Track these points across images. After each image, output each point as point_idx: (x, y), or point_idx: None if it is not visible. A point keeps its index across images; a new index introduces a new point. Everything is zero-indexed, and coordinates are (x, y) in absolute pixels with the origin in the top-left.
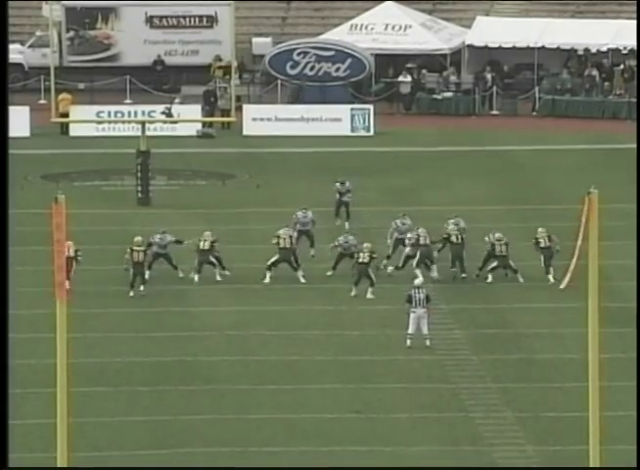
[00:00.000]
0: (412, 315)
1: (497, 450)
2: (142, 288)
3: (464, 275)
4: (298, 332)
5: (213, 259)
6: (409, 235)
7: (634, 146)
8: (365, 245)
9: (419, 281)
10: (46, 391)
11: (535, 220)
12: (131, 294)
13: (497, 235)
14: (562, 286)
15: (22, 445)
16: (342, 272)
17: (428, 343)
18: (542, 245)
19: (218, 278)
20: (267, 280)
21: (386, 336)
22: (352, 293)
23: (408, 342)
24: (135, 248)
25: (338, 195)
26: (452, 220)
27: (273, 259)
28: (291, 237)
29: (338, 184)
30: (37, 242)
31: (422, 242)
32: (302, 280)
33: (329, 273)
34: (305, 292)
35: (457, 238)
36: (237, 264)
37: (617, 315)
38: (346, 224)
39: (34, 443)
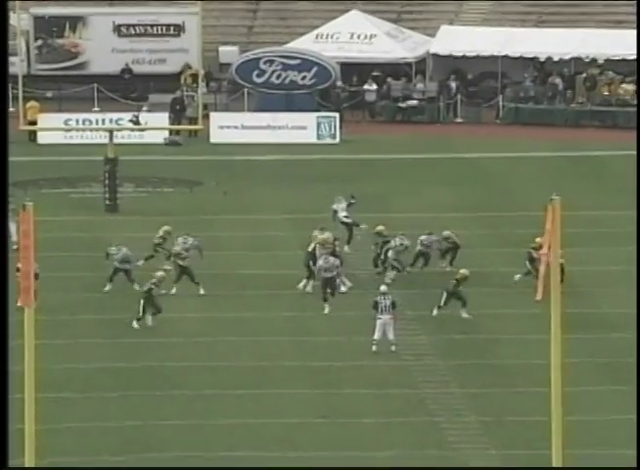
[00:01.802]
0: (378, 322)
1: (462, 455)
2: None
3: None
4: (266, 338)
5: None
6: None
7: (597, 153)
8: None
9: (384, 288)
10: (15, 396)
11: (501, 227)
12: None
13: (445, 233)
14: (538, 297)
15: None
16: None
17: (393, 348)
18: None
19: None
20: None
21: (352, 342)
22: (325, 310)
23: (374, 347)
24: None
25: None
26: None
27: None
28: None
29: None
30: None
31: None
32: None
33: (300, 286)
34: (272, 299)
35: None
36: (204, 271)
37: (584, 321)
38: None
39: None
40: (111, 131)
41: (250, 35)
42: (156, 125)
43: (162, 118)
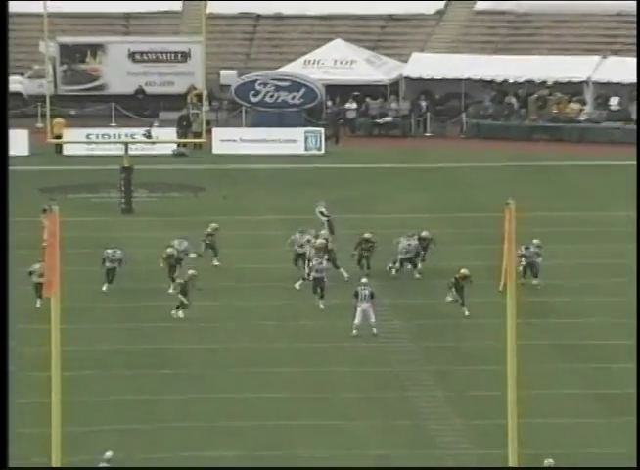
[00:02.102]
0: (358, 309)
1: (430, 424)
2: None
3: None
4: (259, 323)
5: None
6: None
7: (547, 163)
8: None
9: (365, 280)
10: (41, 374)
11: (466, 226)
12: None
13: (423, 234)
14: (500, 288)
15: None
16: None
17: (374, 331)
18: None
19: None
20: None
21: (335, 326)
22: (321, 306)
23: (354, 331)
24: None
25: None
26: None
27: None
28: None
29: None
30: (34, 246)
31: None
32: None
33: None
34: (265, 290)
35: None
36: (205, 265)
37: (538, 308)
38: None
39: (28, 419)
40: (126, 144)
41: (247, 61)
42: (165, 139)
43: (171, 133)
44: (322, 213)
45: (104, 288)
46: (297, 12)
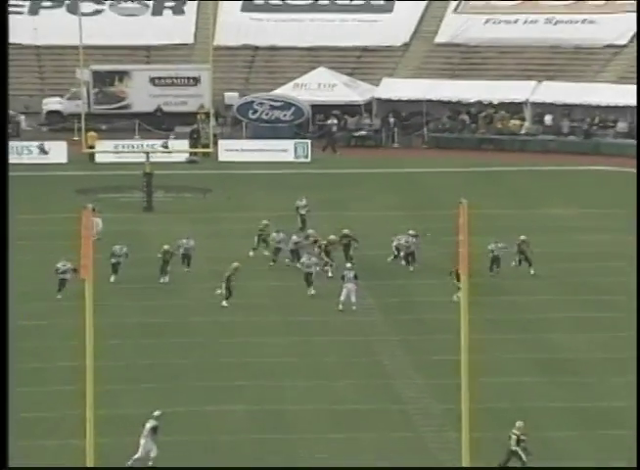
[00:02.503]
0: (344, 289)
1: (397, 383)
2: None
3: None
4: (256, 301)
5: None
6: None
7: (493, 169)
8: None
9: (349, 265)
10: (73, 343)
11: (428, 222)
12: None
13: (411, 232)
14: (452, 271)
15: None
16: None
17: (354, 308)
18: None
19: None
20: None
21: (321, 303)
22: (312, 292)
23: (340, 306)
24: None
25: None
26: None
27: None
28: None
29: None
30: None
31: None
32: None
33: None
34: (262, 273)
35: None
36: (213, 254)
37: (483, 286)
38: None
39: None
40: (147, 153)
41: (246, 84)
42: (179, 149)
43: (184, 144)
44: (297, 208)
45: (112, 279)
46: (289, 44)
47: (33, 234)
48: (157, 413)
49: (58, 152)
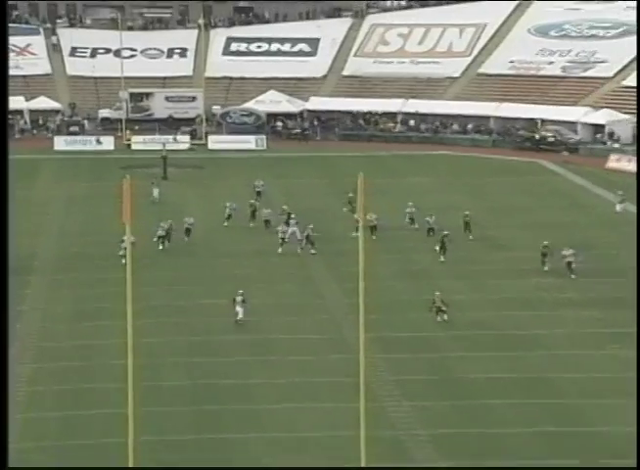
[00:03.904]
0: (289, 230)
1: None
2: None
3: None
4: (242, 271)
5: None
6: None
7: (378, 154)
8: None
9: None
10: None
11: (338, 187)
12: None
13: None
14: (354, 234)
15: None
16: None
17: (299, 250)
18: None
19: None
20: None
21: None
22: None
23: (279, 249)
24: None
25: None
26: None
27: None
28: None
29: (255, 182)
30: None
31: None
32: None
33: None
34: (239, 230)
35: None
36: (205, 208)
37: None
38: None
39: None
40: (164, 144)
41: (226, 101)
42: (183, 141)
43: (186, 138)
44: (255, 186)
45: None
46: (252, 76)
47: (93, 194)
48: (241, 291)
49: (108, 143)
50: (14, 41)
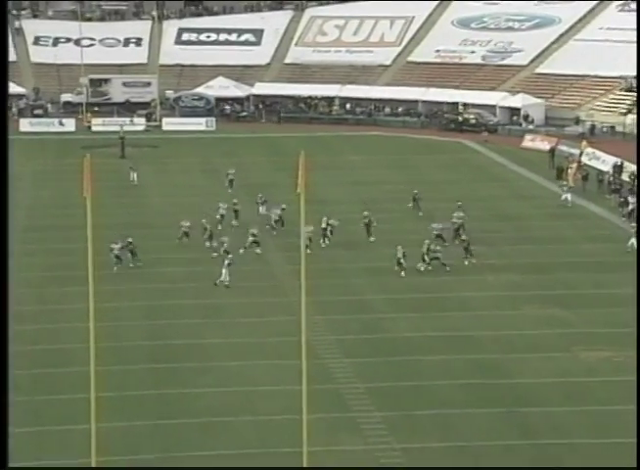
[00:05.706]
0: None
1: (321, 339)
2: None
3: None
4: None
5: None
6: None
7: (319, 134)
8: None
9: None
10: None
11: (285, 168)
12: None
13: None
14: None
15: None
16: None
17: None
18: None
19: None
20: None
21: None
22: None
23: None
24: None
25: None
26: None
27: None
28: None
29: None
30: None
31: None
32: None
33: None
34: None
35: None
36: (162, 182)
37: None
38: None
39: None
40: (121, 125)
41: (178, 86)
42: (139, 123)
43: (142, 120)
44: (227, 174)
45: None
46: (202, 63)
47: (57, 171)
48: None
49: (69, 124)
50: None
